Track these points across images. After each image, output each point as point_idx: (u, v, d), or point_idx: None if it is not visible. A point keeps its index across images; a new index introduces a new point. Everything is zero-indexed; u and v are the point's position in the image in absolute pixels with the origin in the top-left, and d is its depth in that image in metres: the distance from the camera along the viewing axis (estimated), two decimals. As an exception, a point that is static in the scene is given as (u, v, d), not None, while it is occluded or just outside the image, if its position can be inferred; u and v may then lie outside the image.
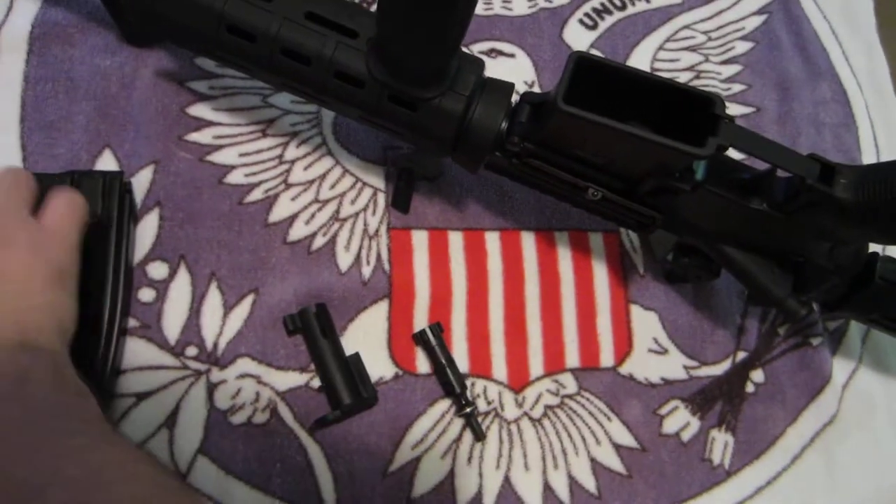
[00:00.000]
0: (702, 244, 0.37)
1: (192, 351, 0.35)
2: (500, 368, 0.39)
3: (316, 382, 0.36)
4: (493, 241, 0.41)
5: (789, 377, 0.43)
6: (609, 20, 0.48)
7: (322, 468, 0.34)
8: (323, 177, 0.40)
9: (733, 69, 0.50)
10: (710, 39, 0.50)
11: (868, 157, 0.50)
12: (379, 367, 0.37)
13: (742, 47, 0.51)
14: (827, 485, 0.41)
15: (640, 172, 0.32)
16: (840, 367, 0.44)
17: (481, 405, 0.38)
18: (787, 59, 0.51)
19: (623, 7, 0.49)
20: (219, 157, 0.39)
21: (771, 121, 0.49)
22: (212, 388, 0.34)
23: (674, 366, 0.41)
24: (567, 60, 0.30)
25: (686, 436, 0.40)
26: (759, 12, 0.52)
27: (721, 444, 0.41)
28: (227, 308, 0.36)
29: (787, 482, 0.41)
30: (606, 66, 0.31)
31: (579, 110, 0.29)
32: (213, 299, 0.36)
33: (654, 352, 0.41)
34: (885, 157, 0.51)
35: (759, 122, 0.49)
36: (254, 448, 0.34)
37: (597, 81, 0.31)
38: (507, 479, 0.37)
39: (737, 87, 0.49)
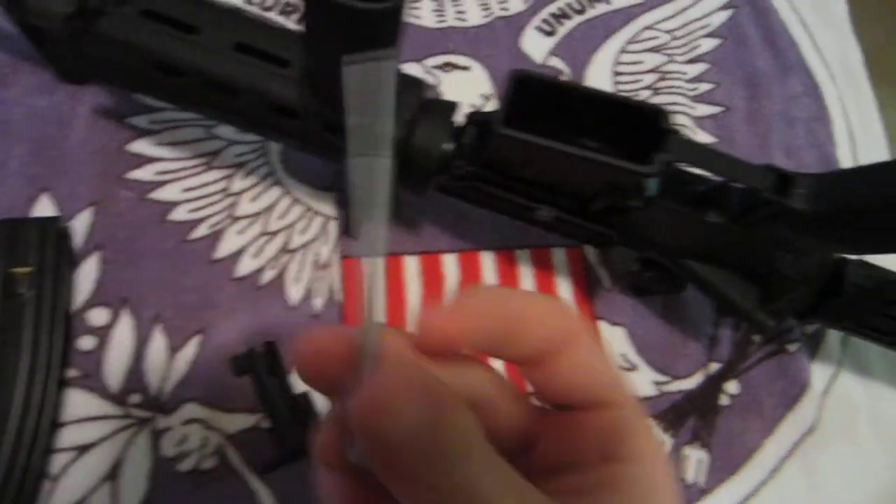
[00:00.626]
0: (663, 258, 0.36)
1: (135, 398, 0.34)
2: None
3: (267, 423, 0.34)
4: (450, 262, 0.40)
5: (765, 387, 0.41)
6: (568, 25, 0.47)
7: (266, 495, 0.33)
8: (271, 207, 0.39)
9: (699, 68, 0.48)
10: (673, 39, 0.49)
11: (843, 151, 0.48)
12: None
13: (708, 45, 0.49)
14: (809, 497, 0.40)
15: (590, 191, 0.31)
16: (819, 374, 0.42)
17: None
18: (756, 54, 0.49)
19: (582, 10, 0.47)
20: (161, 194, 0.37)
21: (741, 119, 0.47)
22: (157, 436, 0.33)
23: (643, 382, 0.40)
24: (507, 80, 0.29)
25: (659, 455, 0.39)
26: (725, 7, 0.50)
27: (695, 461, 0.39)
28: (172, 351, 0.35)
29: (766, 497, 0.39)
30: (548, 83, 0.29)
31: (520, 133, 0.28)
32: (158, 343, 0.35)
33: (623, 369, 0.40)
34: (860, 149, 0.49)
35: (728, 121, 0.47)
36: (202, 496, 0.33)
37: (542, 99, 0.30)
38: None
39: (704, 87, 0.48)
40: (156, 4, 0.30)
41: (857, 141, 0.49)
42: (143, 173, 0.37)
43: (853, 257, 0.36)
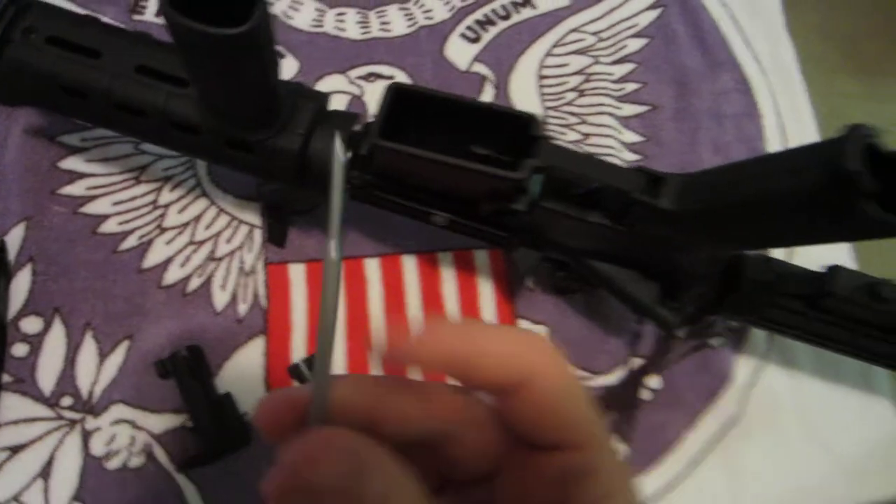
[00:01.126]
0: (565, 258, 0.37)
1: (66, 401, 0.36)
2: (381, 394, 0.39)
3: (190, 422, 0.36)
4: (372, 267, 0.41)
5: (688, 381, 0.42)
6: (493, 31, 0.48)
7: (192, 492, 0.35)
8: (198, 218, 0.41)
9: (626, 68, 0.49)
10: (600, 40, 0.49)
11: (773, 145, 0.49)
12: (256, 403, 0.38)
13: (635, 45, 0.50)
14: (729, 488, 0.40)
15: (475, 196, 0.32)
16: (744, 367, 0.43)
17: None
18: (685, 52, 0.50)
19: (507, 16, 0.49)
20: (92, 208, 0.39)
21: (668, 118, 0.48)
22: (87, 436, 0.35)
23: (563, 378, 0.41)
24: (384, 92, 0.30)
25: (577, 448, 0.40)
26: (653, 7, 0.51)
27: (615, 453, 0.40)
28: (102, 356, 0.37)
29: (687, 488, 0.40)
30: (423, 94, 0.31)
31: (394, 143, 0.29)
32: (88, 349, 0.37)
33: (543, 365, 0.41)
34: (792, 142, 0.50)
35: (655, 119, 0.48)
36: (129, 492, 0.35)
37: (429, 109, 0.31)
38: None
39: (630, 87, 0.49)
40: (60, 32, 0.32)
41: (788, 134, 0.50)
42: (75, 189, 0.40)
43: (753, 252, 0.37)
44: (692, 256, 0.34)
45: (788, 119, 0.50)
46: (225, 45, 0.25)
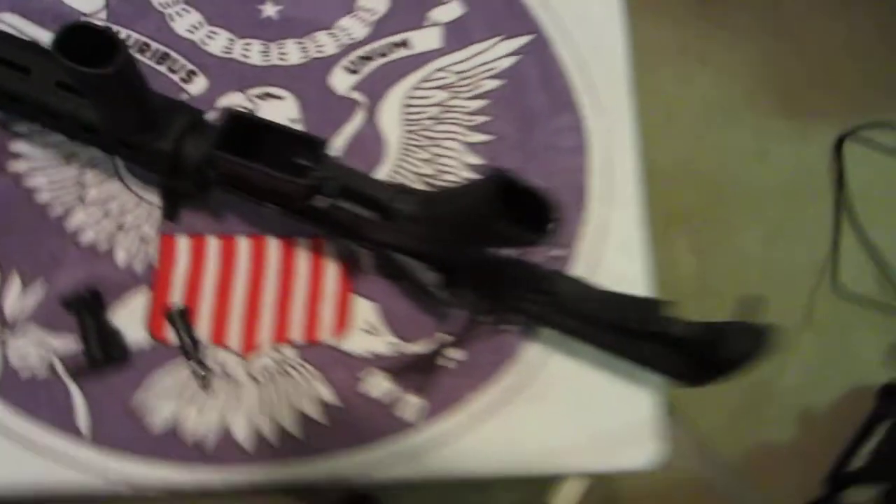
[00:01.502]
0: (375, 249, 0.49)
1: (-6, 322, 0.49)
2: (234, 340, 0.51)
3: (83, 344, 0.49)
4: (243, 244, 0.53)
5: (483, 357, 0.53)
6: (371, 65, 0.60)
7: (81, 407, 0.48)
8: (112, 196, 0.53)
9: (480, 104, 0.60)
10: (462, 79, 0.61)
11: (596, 175, 0.59)
12: (139, 338, 0.50)
13: (491, 84, 0.61)
14: (506, 443, 0.52)
15: (287, 194, 0.44)
16: (533, 349, 0.54)
17: (216, 368, 0.50)
18: (532, 93, 0.61)
19: (385, 55, 0.60)
20: (31, 182, 0.52)
21: (509, 147, 0.59)
22: (5, 351, 0.48)
23: (381, 343, 0.53)
24: (221, 115, 0.42)
25: (382, 397, 0.51)
26: (513, 54, 0.62)
27: (414, 406, 0.52)
28: (25, 291, 0.49)
29: (470, 439, 0.52)
30: (251, 119, 0.42)
31: (221, 152, 0.41)
32: (15, 284, 0.50)
33: (367, 332, 0.53)
34: (614, 174, 0.60)
35: (497, 147, 0.59)
36: (36, 397, 0.48)
37: (256, 130, 0.43)
38: (226, 422, 0.49)
39: (480, 119, 0.60)
40: (2, 53, 0.44)
41: (613, 166, 0.60)
42: (20, 165, 0.52)
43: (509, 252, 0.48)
44: (458, 255, 0.45)
45: (615, 157, 0.61)
46: (97, 80, 0.37)
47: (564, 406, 0.54)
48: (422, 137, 0.58)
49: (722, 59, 1.54)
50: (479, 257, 0.46)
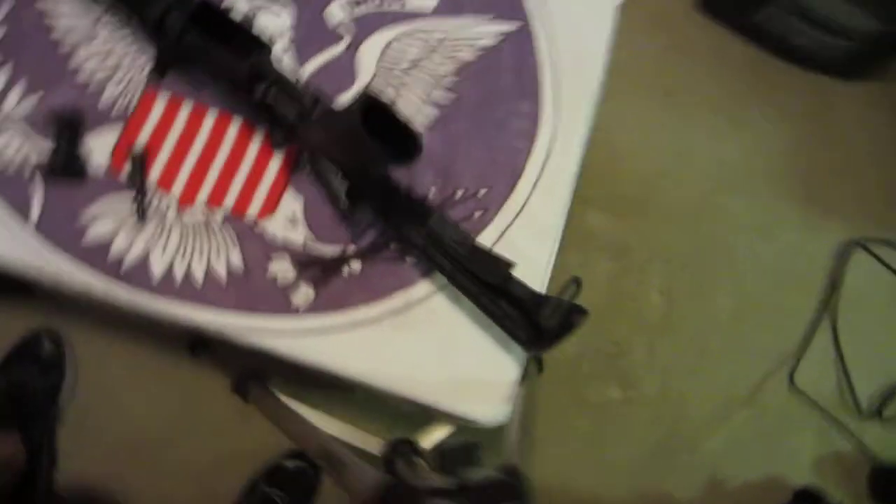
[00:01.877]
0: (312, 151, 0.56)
1: (-11, 113, 0.59)
2: (178, 188, 0.60)
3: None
4: (211, 115, 0.62)
5: (380, 275, 0.61)
6: (363, 9, 0.67)
7: (38, 200, 0.57)
8: (113, 51, 0.62)
9: (452, 67, 0.67)
10: (442, 43, 0.68)
11: (529, 163, 0.66)
12: (102, 163, 0.59)
13: (468, 56, 0.68)
14: (372, 355, 0.59)
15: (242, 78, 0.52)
16: (425, 284, 0.61)
17: (155, 208, 0.59)
18: (504, 74, 0.68)
19: (380, 4, 0.68)
20: (53, 22, 0.62)
21: (465, 111, 0.66)
22: (-6, 144, 0.58)
23: (297, 235, 0.60)
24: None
25: (280, 278, 0.59)
26: (497, 35, 0.69)
27: (304, 294, 0.59)
28: (21, 100, 0.59)
29: (340, 340, 0.59)
30: (216, 11, 0.51)
31: (193, 33, 0.50)
32: (17, 91, 0.59)
33: (289, 220, 0.61)
34: (549, 166, 0.66)
35: (454, 108, 0.66)
36: (12, 182, 0.57)
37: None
38: (147, 253, 0.58)
39: (449, 80, 0.67)
40: None
41: (551, 161, 0.66)
42: (47, 5, 0.62)
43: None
44: (357, 166, 0.53)
45: (557, 148, 0.67)
46: None
47: (435, 343, 0.61)
48: (390, 81, 0.66)
49: (756, 128, 1.57)
50: (378, 176, 0.54)
